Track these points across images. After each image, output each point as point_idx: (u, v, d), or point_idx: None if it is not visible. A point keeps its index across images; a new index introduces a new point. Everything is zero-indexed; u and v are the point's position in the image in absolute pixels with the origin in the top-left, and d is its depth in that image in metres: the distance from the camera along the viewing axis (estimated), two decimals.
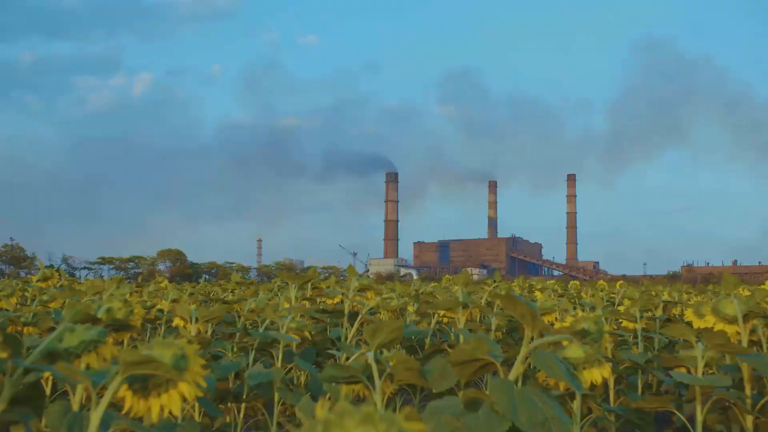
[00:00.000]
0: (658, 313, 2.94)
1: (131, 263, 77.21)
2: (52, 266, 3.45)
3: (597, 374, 1.37)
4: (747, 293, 2.48)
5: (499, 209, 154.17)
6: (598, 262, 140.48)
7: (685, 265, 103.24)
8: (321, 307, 2.96)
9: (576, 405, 1.47)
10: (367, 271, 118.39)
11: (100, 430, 0.91)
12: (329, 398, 1.59)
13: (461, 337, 2.06)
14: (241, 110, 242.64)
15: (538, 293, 4.67)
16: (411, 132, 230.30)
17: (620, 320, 2.91)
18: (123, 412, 0.93)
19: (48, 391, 2.14)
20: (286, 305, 2.67)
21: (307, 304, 2.92)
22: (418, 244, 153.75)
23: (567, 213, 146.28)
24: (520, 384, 1.07)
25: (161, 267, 76.72)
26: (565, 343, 1.39)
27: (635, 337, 2.71)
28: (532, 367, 1.89)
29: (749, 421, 1.60)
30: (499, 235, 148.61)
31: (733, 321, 1.78)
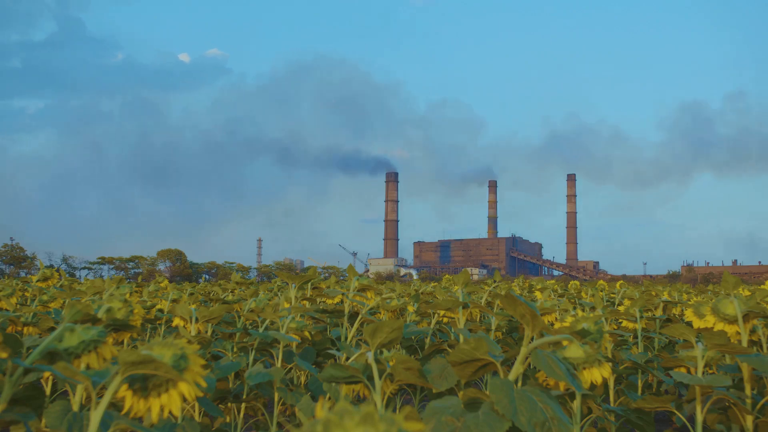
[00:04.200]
0: (658, 313, 2.94)
1: (131, 263, 77.21)
2: (52, 266, 3.45)
3: (597, 374, 1.37)
4: (747, 293, 2.48)
5: (499, 209, 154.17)
6: (598, 262, 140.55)
7: (685, 265, 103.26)
8: (321, 307, 2.96)
9: (576, 405, 1.47)
10: (367, 271, 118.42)
11: (100, 430, 0.91)
12: (329, 398, 1.59)
13: (461, 337, 2.06)
14: (241, 113, 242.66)
15: (538, 293, 4.67)
16: (411, 132, 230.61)
17: (620, 320, 2.91)
18: (123, 412, 0.93)
19: (48, 391, 2.14)
20: (286, 305, 2.67)
21: (307, 304, 2.91)
22: (418, 244, 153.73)
23: (567, 213, 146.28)
24: (520, 384, 1.07)
25: (161, 267, 76.73)
26: (565, 343, 1.39)
27: (635, 337, 2.71)
28: (532, 367, 1.89)
29: (749, 421, 1.60)
30: (499, 235, 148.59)
31: (733, 321, 1.78)
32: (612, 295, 4.61)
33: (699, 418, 1.53)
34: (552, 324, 2.55)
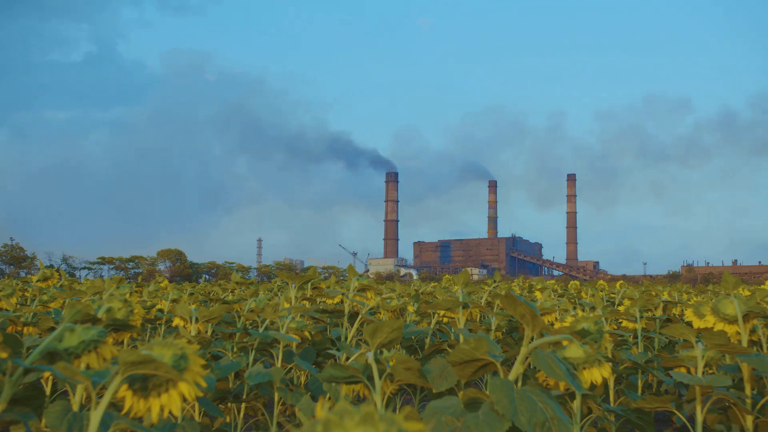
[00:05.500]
0: (658, 313, 2.94)
1: (131, 263, 77.13)
2: (52, 266, 3.46)
3: (597, 374, 1.37)
4: (747, 293, 2.48)
5: (499, 209, 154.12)
6: (598, 262, 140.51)
7: (685, 265, 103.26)
8: (321, 307, 2.96)
9: (576, 405, 1.47)
10: (367, 271, 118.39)
11: (100, 430, 0.91)
12: (329, 398, 1.59)
13: (461, 337, 2.06)
14: (242, 113, 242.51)
15: (538, 293, 4.67)
16: (411, 132, 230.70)
17: (620, 320, 2.91)
18: (123, 412, 0.93)
19: (48, 391, 2.14)
20: (286, 305, 2.67)
21: (307, 304, 2.91)
22: (418, 244, 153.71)
23: (567, 213, 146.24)
24: (520, 384, 1.07)
25: (161, 267, 76.67)
26: (565, 343, 1.39)
27: (635, 337, 2.71)
28: (532, 367, 1.89)
29: (749, 421, 1.60)
30: (499, 235, 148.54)
31: (733, 321, 1.78)
32: (612, 295, 4.61)
33: (699, 418, 1.53)
34: (552, 324, 2.55)
